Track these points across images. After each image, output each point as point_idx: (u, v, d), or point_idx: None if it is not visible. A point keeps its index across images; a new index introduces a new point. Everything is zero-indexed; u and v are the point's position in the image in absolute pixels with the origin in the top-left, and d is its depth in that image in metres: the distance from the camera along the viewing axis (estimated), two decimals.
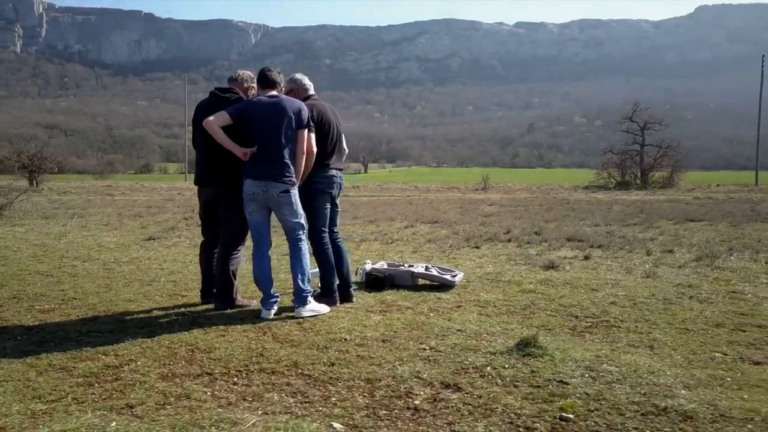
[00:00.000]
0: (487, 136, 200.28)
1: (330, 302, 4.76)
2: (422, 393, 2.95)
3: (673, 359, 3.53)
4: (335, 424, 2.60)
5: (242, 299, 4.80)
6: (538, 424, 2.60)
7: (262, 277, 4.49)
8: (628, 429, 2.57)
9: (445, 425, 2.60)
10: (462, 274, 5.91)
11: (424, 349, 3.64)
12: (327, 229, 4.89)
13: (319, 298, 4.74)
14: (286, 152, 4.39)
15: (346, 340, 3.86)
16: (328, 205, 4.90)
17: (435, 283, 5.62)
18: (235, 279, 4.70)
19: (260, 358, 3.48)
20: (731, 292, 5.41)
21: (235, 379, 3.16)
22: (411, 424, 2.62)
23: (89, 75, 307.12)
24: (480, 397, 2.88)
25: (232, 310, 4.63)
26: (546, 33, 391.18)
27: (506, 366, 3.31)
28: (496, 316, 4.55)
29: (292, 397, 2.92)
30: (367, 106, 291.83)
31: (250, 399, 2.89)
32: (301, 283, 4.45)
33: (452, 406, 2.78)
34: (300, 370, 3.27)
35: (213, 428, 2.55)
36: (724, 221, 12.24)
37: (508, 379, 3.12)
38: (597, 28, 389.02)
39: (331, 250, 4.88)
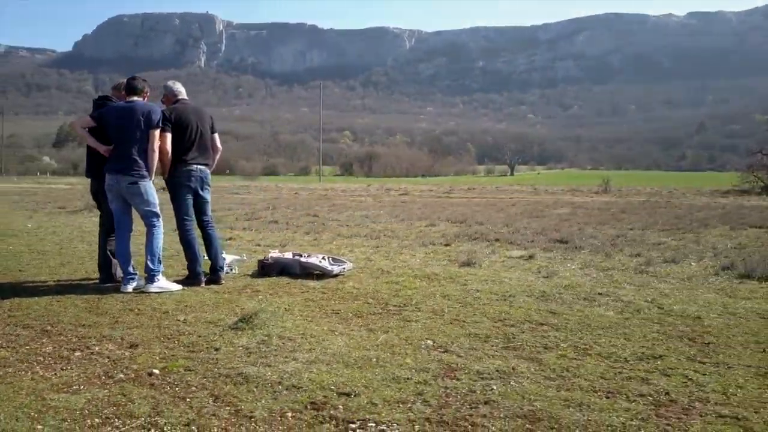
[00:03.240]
0: (649, 137, 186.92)
1: (195, 283, 5.32)
2: (154, 362, 3.42)
3: (378, 345, 3.61)
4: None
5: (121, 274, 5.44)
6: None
7: (121, 256, 5.18)
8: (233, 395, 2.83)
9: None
10: (348, 265, 6.16)
11: (196, 321, 4.08)
12: (190, 218, 5.48)
13: (185, 280, 5.33)
14: (134, 150, 5.05)
15: (155, 309, 4.40)
16: (189, 196, 5.47)
17: (317, 272, 5.93)
18: (113, 258, 5.42)
19: (65, 319, 4.14)
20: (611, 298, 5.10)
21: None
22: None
23: (260, 85, 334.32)
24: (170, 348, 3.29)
25: (111, 284, 5.35)
26: (723, 23, 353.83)
27: (213, 337, 3.66)
28: (304, 299, 4.82)
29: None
30: (520, 107, 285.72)
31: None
32: (150, 263, 5.08)
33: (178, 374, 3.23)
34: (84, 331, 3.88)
35: None
36: None
37: (203, 347, 3.49)
38: None
39: (194, 236, 5.45)
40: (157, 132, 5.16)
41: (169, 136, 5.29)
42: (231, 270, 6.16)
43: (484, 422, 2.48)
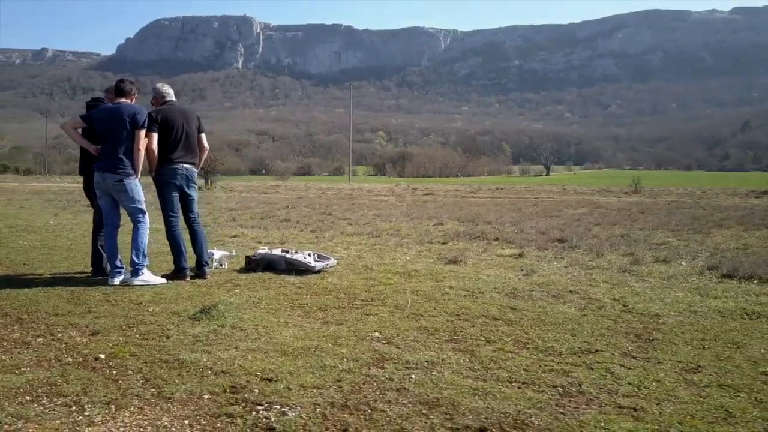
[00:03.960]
0: (691, 136, 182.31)
1: (180, 277, 5.54)
2: (106, 348, 3.64)
3: (325, 336, 3.74)
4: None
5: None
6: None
7: (109, 251, 5.44)
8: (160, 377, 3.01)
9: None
10: (332, 262, 6.30)
11: (161, 313, 4.29)
12: (176, 215, 5.71)
13: (171, 274, 5.56)
14: (121, 149, 5.29)
15: (131, 300, 4.64)
16: (175, 194, 5.70)
17: (301, 268, 6.10)
18: (104, 252, 5.68)
19: (41, 307, 4.41)
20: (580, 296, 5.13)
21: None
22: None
23: (296, 86, 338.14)
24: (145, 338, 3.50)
25: (102, 278, 5.62)
26: None
27: (170, 326, 3.85)
28: (277, 293, 4.98)
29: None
30: (557, 106, 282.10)
31: None
32: (135, 258, 5.32)
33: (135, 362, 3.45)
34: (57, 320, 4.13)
35: None
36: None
37: (165, 332, 3.69)
38: None
39: (179, 232, 5.68)
40: (143, 132, 5.41)
41: (155, 136, 5.54)
42: (221, 265, 6.38)
43: (384, 407, 2.60)
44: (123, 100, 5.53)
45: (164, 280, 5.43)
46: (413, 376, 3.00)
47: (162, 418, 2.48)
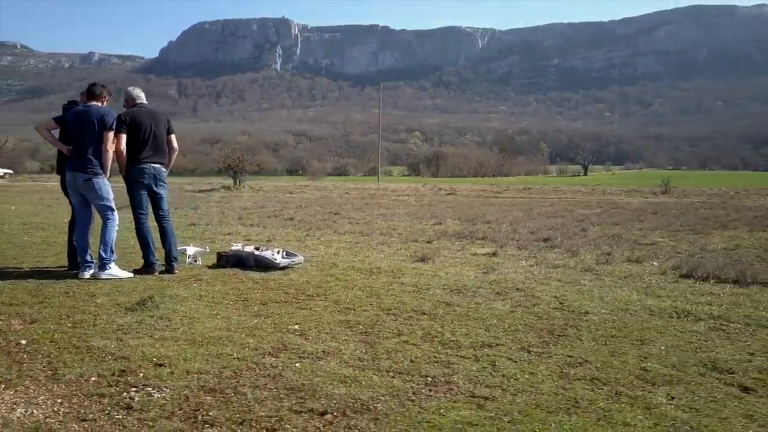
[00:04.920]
0: (737, 135, 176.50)
1: (149, 272, 5.82)
2: (33, 335, 3.91)
3: (244, 328, 3.91)
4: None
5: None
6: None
7: (80, 246, 5.73)
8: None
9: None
10: (298, 259, 6.48)
11: (104, 302, 4.54)
12: (144, 212, 5.99)
13: (140, 269, 5.84)
14: (90, 149, 5.59)
15: (88, 293, 4.90)
16: (143, 192, 5.97)
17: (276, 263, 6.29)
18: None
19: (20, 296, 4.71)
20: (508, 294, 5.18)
21: None
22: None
23: (333, 87, 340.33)
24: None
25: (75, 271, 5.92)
26: None
27: (103, 317, 4.09)
28: (230, 288, 5.17)
29: None
30: (597, 105, 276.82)
31: None
32: (103, 253, 5.60)
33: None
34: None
35: None
36: None
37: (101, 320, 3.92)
38: None
39: (147, 229, 5.95)
40: (111, 133, 5.69)
41: (123, 137, 5.82)
42: (196, 261, 6.63)
43: (248, 391, 2.76)
44: (94, 102, 5.82)
45: (131, 275, 5.70)
46: (298, 365, 3.15)
47: (39, 397, 2.70)
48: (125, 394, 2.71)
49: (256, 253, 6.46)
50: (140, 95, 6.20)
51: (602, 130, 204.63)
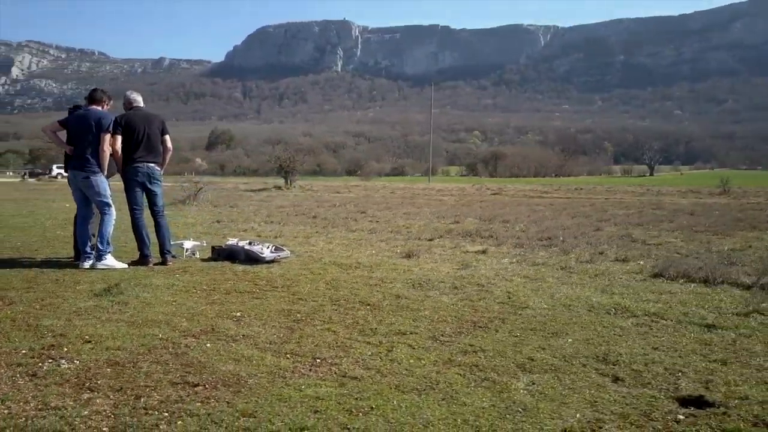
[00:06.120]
0: None
1: (143, 263, 6.28)
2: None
3: (191, 315, 4.22)
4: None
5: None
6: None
7: (80, 238, 6.24)
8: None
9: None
10: (285, 254, 6.79)
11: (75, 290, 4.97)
12: (139, 208, 6.47)
13: (135, 261, 6.32)
14: (88, 150, 6.09)
15: (76, 281, 5.37)
16: (138, 189, 6.44)
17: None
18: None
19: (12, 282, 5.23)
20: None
21: None
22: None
23: (392, 87, 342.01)
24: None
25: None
26: None
27: (72, 301, 4.50)
28: (205, 279, 5.51)
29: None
30: (665, 102, 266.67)
31: None
32: (100, 245, 6.10)
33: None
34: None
35: None
36: None
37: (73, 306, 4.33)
38: None
39: (142, 223, 6.42)
40: (108, 135, 6.17)
41: (119, 138, 6.30)
42: (193, 254, 7.06)
43: (146, 365, 3.06)
44: (94, 106, 6.32)
45: (125, 266, 6.17)
46: (209, 344, 3.44)
47: None
48: (41, 364, 3.07)
49: (247, 247, 6.81)
50: (137, 99, 6.66)
51: (671, 129, 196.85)
